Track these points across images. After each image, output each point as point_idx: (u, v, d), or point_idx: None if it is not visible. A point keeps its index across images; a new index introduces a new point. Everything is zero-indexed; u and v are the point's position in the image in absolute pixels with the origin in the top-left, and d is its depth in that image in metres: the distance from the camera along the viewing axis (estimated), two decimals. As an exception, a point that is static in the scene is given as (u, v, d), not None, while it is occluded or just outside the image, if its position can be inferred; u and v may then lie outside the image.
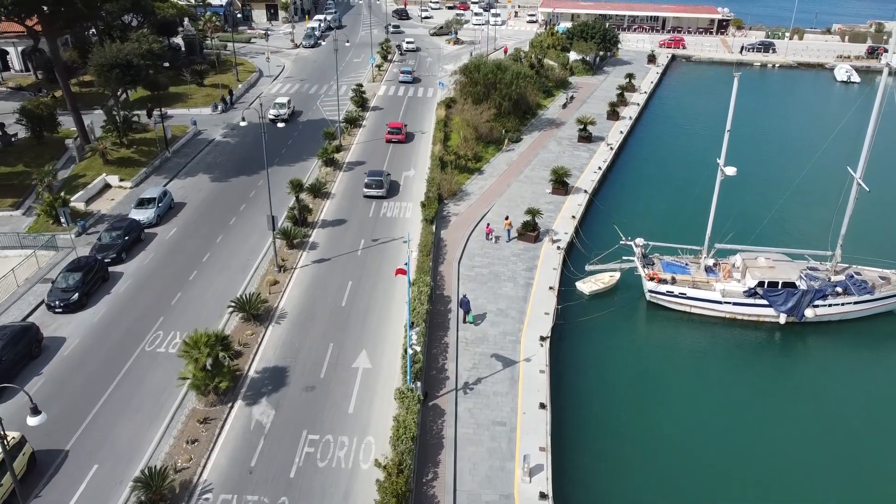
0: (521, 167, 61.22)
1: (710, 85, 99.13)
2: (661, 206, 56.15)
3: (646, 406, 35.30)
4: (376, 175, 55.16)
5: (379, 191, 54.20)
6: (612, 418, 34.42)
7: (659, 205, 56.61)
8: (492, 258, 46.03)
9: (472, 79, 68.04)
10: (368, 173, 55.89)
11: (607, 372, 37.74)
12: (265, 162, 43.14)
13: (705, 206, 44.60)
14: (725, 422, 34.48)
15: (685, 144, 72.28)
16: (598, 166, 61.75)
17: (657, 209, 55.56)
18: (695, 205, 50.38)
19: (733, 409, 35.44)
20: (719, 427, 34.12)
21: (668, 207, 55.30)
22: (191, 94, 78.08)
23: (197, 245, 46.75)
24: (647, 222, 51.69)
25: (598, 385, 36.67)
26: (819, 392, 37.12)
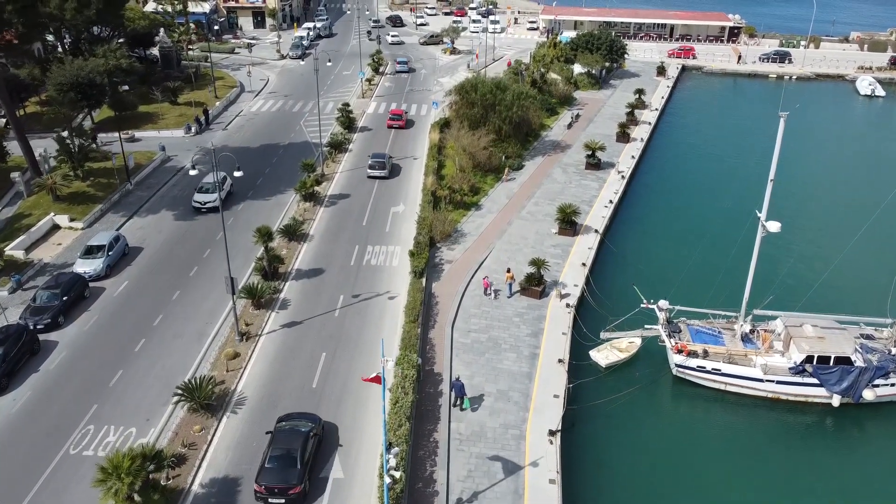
0: (524, 200, 54.81)
1: (725, 99, 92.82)
2: (683, 252, 49.47)
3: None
4: (379, 157, 58.90)
5: (382, 171, 57.93)
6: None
7: (680, 249, 49.94)
8: (490, 319, 39.63)
9: (468, 99, 61.61)
10: (372, 155, 59.83)
11: (629, 469, 31.38)
12: (222, 222, 36.45)
13: (738, 260, 38.32)
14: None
15: (705, 171, 65.79)
16: (610, 199, 55.35)
17: (678, 256, 48.85)
18: (722, 254, 44.06)
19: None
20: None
21: (691, 253, 48.65)
22: (162, 115, 71.61)
23: (149, 304, 40.30)
24: (668, 273, 45.24)
25: (619, 488, 30.31)
26: (880, 488, 30.78)
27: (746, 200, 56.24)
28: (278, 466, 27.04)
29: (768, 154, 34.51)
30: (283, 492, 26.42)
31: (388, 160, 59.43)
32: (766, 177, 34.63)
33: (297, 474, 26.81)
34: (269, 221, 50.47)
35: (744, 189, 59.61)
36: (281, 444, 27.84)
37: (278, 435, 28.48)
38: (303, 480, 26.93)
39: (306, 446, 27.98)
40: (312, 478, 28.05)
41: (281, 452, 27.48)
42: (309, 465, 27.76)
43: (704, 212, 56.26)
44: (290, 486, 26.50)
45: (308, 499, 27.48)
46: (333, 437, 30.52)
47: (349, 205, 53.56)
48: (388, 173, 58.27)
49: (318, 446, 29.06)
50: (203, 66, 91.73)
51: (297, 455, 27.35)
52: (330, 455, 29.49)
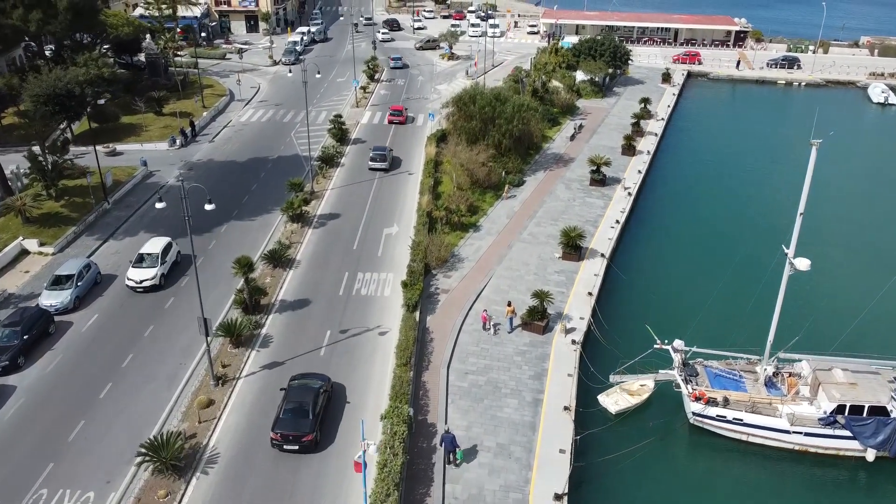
0: (525, 220, 51.64)
1: (734, 107, 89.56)
2: (697, 280, 46.36)
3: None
4: (380, 150, 60.80)
5: (383, 163, 59.58)
6: None
7: (693, 278, 46.85)
8: (490, 358, 36.44)
9: (466, 112, 58.41)
10: (373, 148, 61.57)
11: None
12: (192, 251, 33.21)
13: (759, 295, 35.12)
14: None
15: (717, 186, 62.43)
16: (616, 219, 52.17)
17: (691, 285, 45.76)
18: (740, 288, 40.92)
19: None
20: None
21: (705, 283, 45.43)
22: (146, 126, 68.36)
23: (119, 341, 37.12)
24: (681, 304, 42.31)
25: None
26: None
27: (765, 222, 53.59)
28: (292, 417, 29.75)
29: (784, 171, 31.53)
30: (296, 439, 29.22)
31: (389, 153, 61.39)
32: (786, 197, 31.65)
33: (309, 424, 29.59)
34: (253, 244, 47.58)
35: (762, 209, 56.74)
36: (294, 398, 30.59)
37: (291, 390, 31.24)
38: (314, 430, 29.64)
39: (317, 400, 30.71)
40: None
41: (294, 405, 30.19)
42: (320, 417, 30.39)
43: (719, 235, 52.92)
44: (302, 434, 29.28)
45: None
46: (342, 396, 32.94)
47: (339, 226, 50.39)
48: (388, 165, 60.10)
49: (327, 402, 31.72)
50: (192, 73, 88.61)
51: (308, 408, 30.09)
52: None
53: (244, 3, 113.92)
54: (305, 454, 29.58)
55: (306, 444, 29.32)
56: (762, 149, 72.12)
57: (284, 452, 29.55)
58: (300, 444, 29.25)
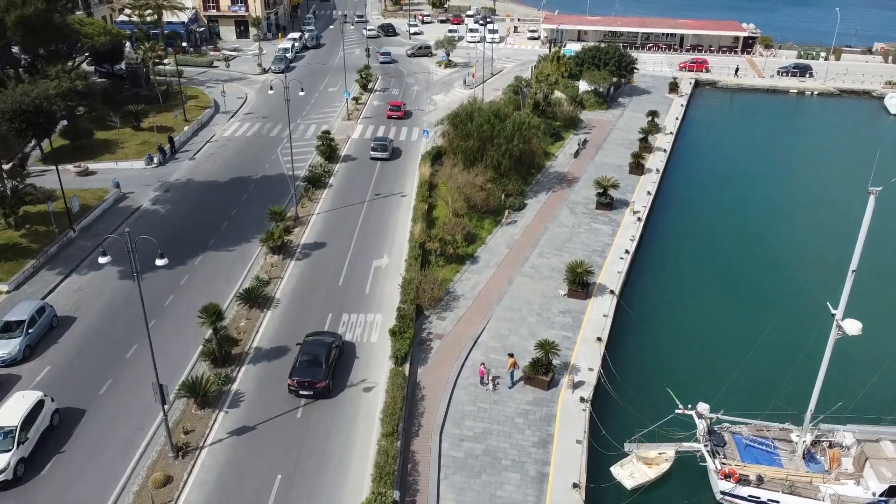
0: (526, 250, 47.51)
1: (745, 119, 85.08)
2: (717, 324, 42.35)
3: None
4: (381, 140, 62.87)
5: (384, 153, 61.60)
6: None
7: (712, 319, 42.86)
8: (488, 420, 32.30)
9: (462, 131, 54.26)
10: (375, 139, 63.81)
11: None
12: (143, 311, 28.97)
13: (794, 352, 30.97)
14: None
15: (734, 210, 58.36)
16: (626, 249, 48.05)
17: (711, 328, 41.76)
18: (773, 340, 36.72)
19: None
20: None
21: (727, 331, 41.44)
22: (122, 143, 64.15)
23: (72, 399, 32.98)
24: (702, 354, 38.26)
25: None
26: None
27: (795, 260, 49.44)
28: (307, 366, 32.76)
29: (812, 200, 27.42)
30: (311, 385, 32.26)
31: (390, 143, 63.21)
32: (820, 233, 27.46)
33: (322, 372, 32.60)
34: (230, 279, 43.46)
35: (791, 245, 52.35)
36: (308, 351, 33.68)
37: (306, 344, 34.43)
38: (327, 378, 32.62)
39: (329, 353, 33.65)
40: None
41: (309, 357, 33.19)
42: (332, 368, 33.44)
43: (739, 272, 48.56)
44: (316, 380, 32.28)
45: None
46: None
47: (325, 257, 46.24)
48: (389, 155, 62.05)
49: (339, 356, 34.82)
50: (178, 81, 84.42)
51: (322, 359, 33.09)
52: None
53: (234, 8, 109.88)
54: (319, 399, 32.63)
55: (320, 390, 32.41)
56: (782, 170, 67.91)
57: (300, 397, 32.55)
58: (314, 389, 32.33)
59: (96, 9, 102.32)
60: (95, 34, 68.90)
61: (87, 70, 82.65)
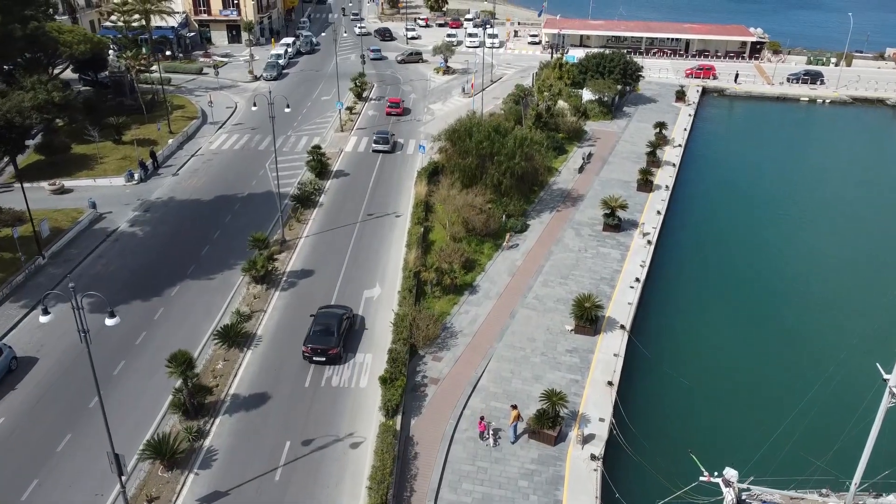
0: (529, 278, 44.18)
1: (757, 129, 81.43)
2: (737, 366, 39.11)
3: None
4: (383, 133, 64.91)
5: (385, 146, 63.25)
6: None
7: (736, 360, 39.61)
8: (489, 482, 28.97)
9: (461, 147, 50.91)
10: (377, 132, 65.53)
11: None
12: (95, 379, 25.60)
13: (833, 410, 27.65)
14: None
15: (752, 232, 55.05)
16: (636, 276, 44.70)
17: (732, 374, 38.53)
18: (807, 394, 33.34)
19: None
20: None
21: (750, 374, 38.19)
22: (101, 157, 60.77)
23: (23, 460, 29.64)
24: (722, 403, 34.98)
25: None
26: None
27: (824, 288, 45.98)
28: (320, 334, 34.91)
29: (838, 222, 24.20)
30: (324, 352, 34.44)
31: (392, 136, 65.03)
32: (846, 252, 24.43)
33: (334, 340, 34.72)
34: (208, 312, 40.12)
35: (816, 269, 49.02)
36: (321, 321, 35.80)
37: (319, 315, 36.54)
38: (338, 345, 34.76)
39: (341, 323, 35.77)
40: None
41: (321, 327, 35.34)
42: (343, 336, 35.56)
43: (763, 302, 45.27)
44: (329, 347, 34.46)
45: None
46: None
47: (312, 287, 42.87)
48: (391, 148, 63.86)
49: (350, 327, 36.97)
50: (165, 89, 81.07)
51: (334, 328, 35.23)
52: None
53: (225, 13, 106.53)
54: (331, 364, 34.97)
55: (332, 357, 34.62)
56: (801, 187, 64.46)
57: (313, 363, 34.91)
58: (327, 356, 34.53)
59: (83, 13, 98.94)
60: (75, 42, 65.53)
61: (70, 78, 79.64)
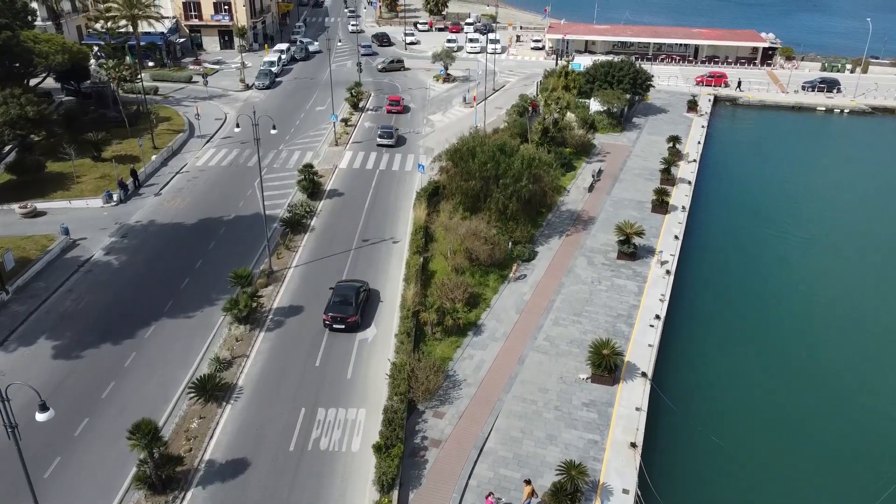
0: (539, 315, 40.32)
1: (775, 142, 77.16)
2: (776, 413, 35.36)
3: None
4: (388, 128, 66.42)
5: (389, 140, 64.91)
6: None
7: (772, 412, 35.87)
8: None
9: (463, 169, 47.04)
10: (381, 126, 67.24)
11: None
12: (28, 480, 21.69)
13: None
14: None
15: (781, 258, 51.40)
16: (656, 313, 40.82)
17: (771, 421, 34.79)
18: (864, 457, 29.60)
19: None
20: None
21: (790, 414, 34.44)
22: (78, 176, 56.83)
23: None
24: (764, 467, 31.11)
25: None
26: None
27: (875, 326, 42.04)
28: (339, 304, 37.43)
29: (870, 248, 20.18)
30: (343, 320, 36.99)
31: (395, 131, 66.80)
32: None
33: (352, 309, 37.32)
34: (185, 358, 36.34)
35: (861, 306, 45.13)
36: (340, 292, 38.34)
37: (338, 288, 39.00)
38: (356, 314, 37.32)
39: (358, 295, 38.28)
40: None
41: (340, 297, 37.89)
42: (361, 307, 38.07)
43: (799, 343, 41.51)
44: (348, 315, 37.06)
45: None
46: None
47: (301, 327, 38.98)
48: (395, 142, 65.44)
49: (366, 298, 39.30)
50: (152, 100, 77.37)
51: (351, 299, 37.77)
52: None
53: (217, 17, 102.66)
54: (350, 332, 37.41)
55: (350, 324, 37.05)
56: (830, 207, 60.55)
57: (333, 331, 37.49)
58: (346, 323, 36.98)
59: (69, 19, 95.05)
60: (51, 52, 61.57)
61: (53, 87, 75.92)
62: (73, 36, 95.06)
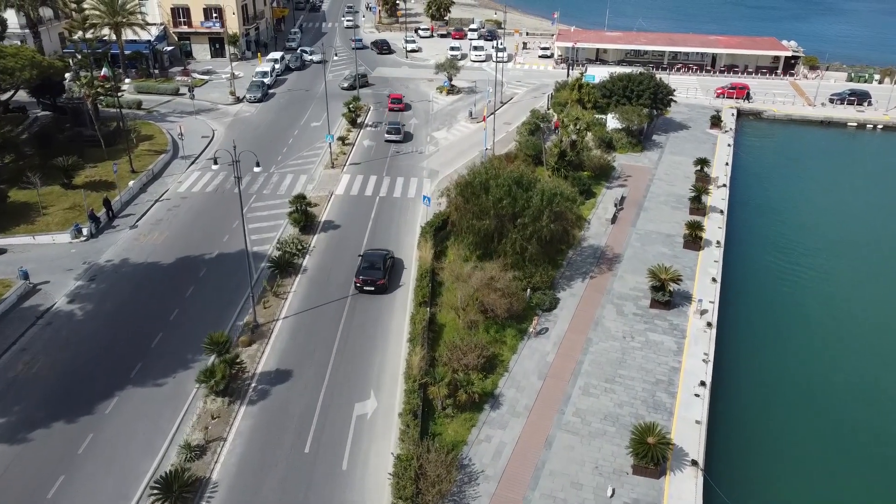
0: (565, 383, 34.76)
1: (807, 163, 70.99)
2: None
3: None
4: (395, 124, 67.43)
5: (397, 136, 66.17)
6: None
7: (843, 482, 30.26)
8: None
9: (474, 205, 41.39)
10: (389, 123, 68.57)
11: None
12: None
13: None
14: None
15: (831, 296, 46.06)
16: (701, 379, 35.25)
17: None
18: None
19: None
20: None
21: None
22: (45, 207, 51.17)
23: None
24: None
25: None
26: None
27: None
28: (369, 269, 41.48)
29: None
30: (373, 282, 40.95)
31: (402, 127, 67.99)
32: None
33: (381, 273, 41.39)
34: (150, 443, 31.00)
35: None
36: (368, 259, 42.59)
37: (366, 255, 43.36)
38: (384, 277, 41.44)
39: (385, 261, 42.57)
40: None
41: (369, 263, 42.00)
42: (388, 271, 42.23)
43: (866, 396, 36.10)
44: (377, 279, 41.01)
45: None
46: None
47: (288, 399, 33.41)
48: (402, 138, 66.70)
49: (392, 265, 43.61)
50: (136, 116, 71.76)
51: (379, 265, 41.90)
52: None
53: (207, 24, 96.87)
54: (379, 294, 40.85)
55: (380, 287, 40.80)
56: (874, 235, 54.79)
57: (364, 293, 40.88)
58: (375, 286, 40.71)
59: (50, 26, 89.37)
60: (18, 68, 55.90)
61: (27, 101, 70.42)
62: (56, 45, 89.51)
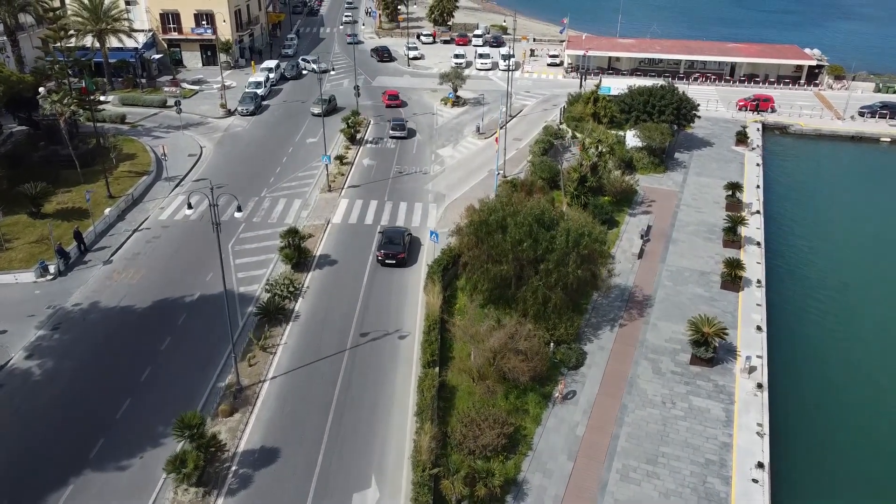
0: (599, 463, 29.64)
1: (844, 184, 65.59)
2: None
3: None
4: (399, 121, 68.49)
5: (402, 132, 67.13)
6: None
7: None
8: None
9: (489, 247, 36.18)
10: (392, 119, 69.30)
11: None
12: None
13: None
14: None
15: (885, 342, 40.77)
16: (758, 459, 30.12)
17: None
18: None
19: None
20: None
21: None
22: (9, 240, 45.97)
23: None
24: None
25: None
26: None
27: None
28: (389, 243, 44.33)
29: None
30: (394, 256, 43.70)
31: (406, 123, 68.64)
32: None
33: (401, 247, 44.20)
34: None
35: None
36: (389, 235, 45.32)
37: (386, 232, 46.07)
38: (404, 251, 44.17)
39: (404, 237, 45.24)
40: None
41: (388, 238, 44.81)
42: (407, 246, 44.94)
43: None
44: (398, 252, 43.81)
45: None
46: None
47: (276, 487, 28.22)
48: (407, 134, 67.47)
49: (410, 241, 46.23)
50: (117, 131, 66.61)
51: (398, 240, 44.69)
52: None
53: (198, 31, 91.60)
54: (399, 267, 43.77)
55: (400, 260, 43.85)
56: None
57: (385, 266, 43.52)
58: (396, 259, 43.73)
59: (32, 32, 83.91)
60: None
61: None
62: (38, 52, 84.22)
